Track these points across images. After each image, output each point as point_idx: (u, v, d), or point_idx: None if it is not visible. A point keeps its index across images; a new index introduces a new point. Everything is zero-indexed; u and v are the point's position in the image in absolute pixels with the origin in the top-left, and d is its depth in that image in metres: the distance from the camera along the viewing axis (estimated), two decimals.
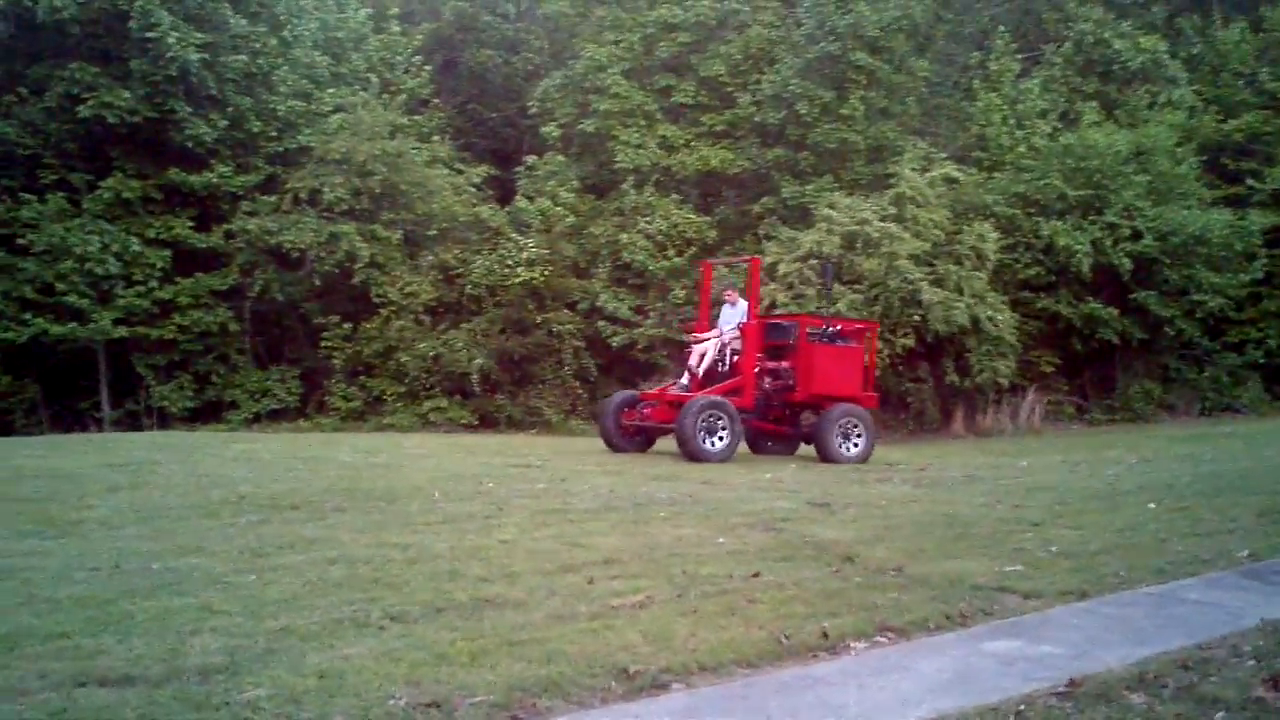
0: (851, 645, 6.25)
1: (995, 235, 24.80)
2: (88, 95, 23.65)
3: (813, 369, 17.01)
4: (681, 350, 19.24)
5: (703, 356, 17.17)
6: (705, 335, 17.49)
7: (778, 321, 18.35)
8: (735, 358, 17.03)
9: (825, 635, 6.29)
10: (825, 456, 16.63)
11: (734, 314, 17.35)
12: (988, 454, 19.49)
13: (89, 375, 25.00)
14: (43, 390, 24.94)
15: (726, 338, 17.14)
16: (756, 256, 19.73)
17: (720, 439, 15.73)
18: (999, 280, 25.37)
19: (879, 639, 6.38)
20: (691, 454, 15.45)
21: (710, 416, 15.71)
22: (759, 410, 17.23)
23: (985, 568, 8.09)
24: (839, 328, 17.77)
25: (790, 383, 17.21)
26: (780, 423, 17.89)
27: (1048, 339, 26.82)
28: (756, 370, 17.02)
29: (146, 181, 24.88)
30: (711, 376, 17.05)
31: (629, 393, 18.46)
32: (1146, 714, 4.89)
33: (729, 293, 17.85)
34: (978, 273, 24.20)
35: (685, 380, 17.29)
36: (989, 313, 23.78)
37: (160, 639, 5.86)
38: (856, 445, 16.91)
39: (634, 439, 17.21)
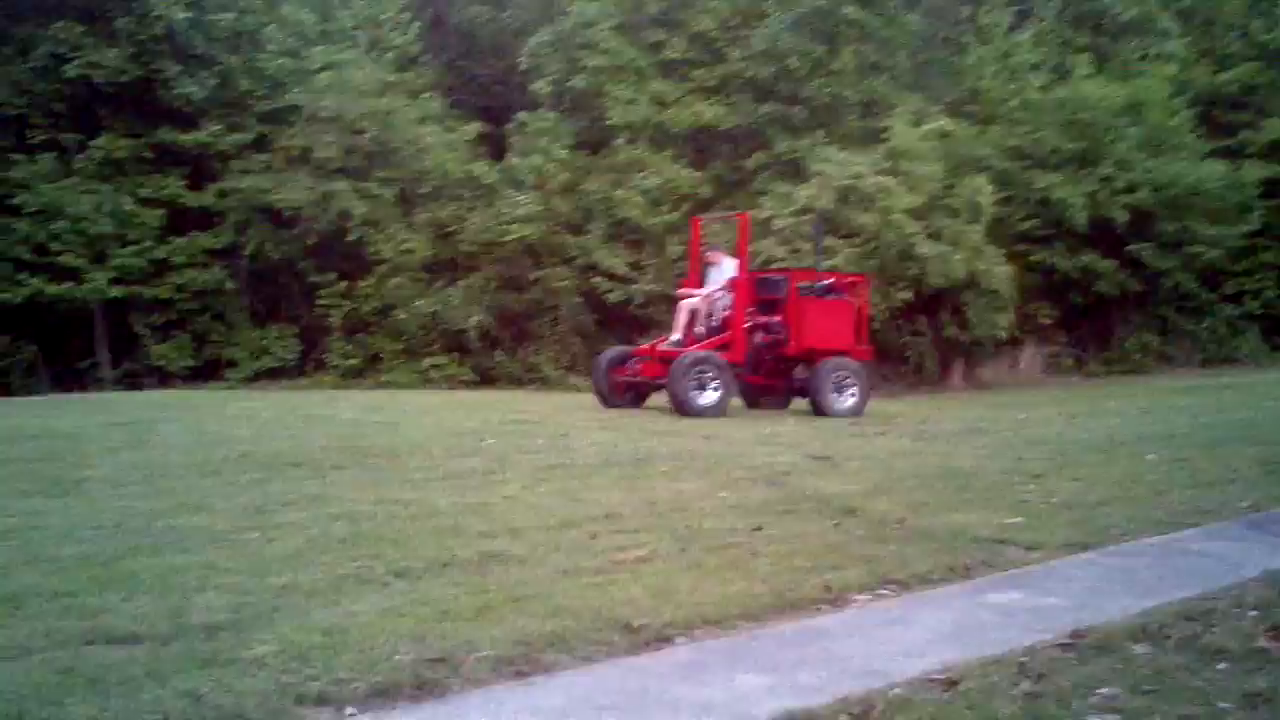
0: (854, 598, 6.25)
1: (990, 189, 24.72)
2: (74, 55, 23.57)
3: (804, 323, 16.92)
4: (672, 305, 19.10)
5: (693, 313, 17.09)
6: (695, 292, 17.44)
7: (768, 276, 18.28)
8: (726, 313, 16.96)
9: (828, 588, 6.30)
10: (819, 410, 16.55)
11: (720, 273, 17.30)
12: (987, 406, 19.52)
13: (87, 335, 25.04)
14: (41, 351, 24.98)
15: (713, 295, 17.10)
16: (745, 213, 19.50)
17: (713, 393, 15.73)
18: (995, 234, 25.30)
19: (881, 591, 6.39)
20: (684, 409, 15.46)
21: (701, 371, 15.71)
22: (751, 365, 17.20)
23: (986, 520, 8.10)
24: (831, 281, 17.67)
25: (782, 337, 17.10)
26: (773, 377, 17.73)
27: (1045, 292, 26.84)
28: (748, 325, 17.00)
29: (137, 141, 24.80)
30: (703, 333, 16.99)
31: (621, 349, 18.43)
32: (1150, 665, 4.89)
33: (711, 253, 17.83)
34: (974, 226, 24.14)
35: (677, 336, 17.08)
36: (986, 266, 23.76)
37: (165, 597, 5.86)
38: (851, 398, 16.84)
39: (626, 395, 17.18)
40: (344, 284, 25.45)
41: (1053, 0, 30.70)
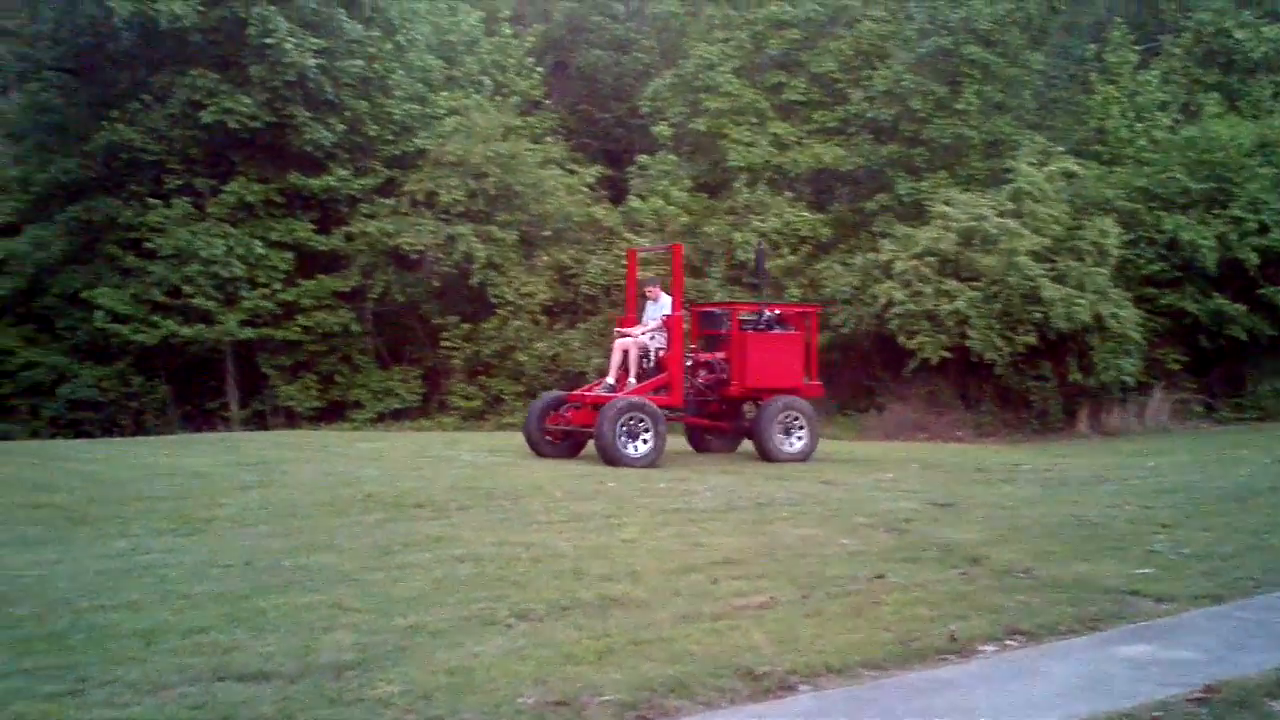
0: (980, 648, 6.19)
1: (1117, 230, 24.28)
2: (209, 101, 24.12)
3: (747, 360, 15.90)
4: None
5: (625, 354, 15.91)
6: (629, 331, 16.30)
7: (709, 310, 17.44)
8: (660, 353, 15.85)
9: (953, 638, 6.24)
10: (764, 454, 15.65)
11: (657, 309, 16.19)
12: (1114, 454, 19.13)
13: (217, 376, 25.59)
14: (173, 390, 25.54)
15: (644, 336, 15.96)
16: (678, 244, 18.23)
17: (644, 443, 14.65)
18: (1122, 276, 24.82)
19: (1008, 642, 6.31)
20: (611, 460, 14.37)
21: (631, 419, 14.63)
22: (693, 407, 16.31)
23: (1115, 570, 7.96)
24: (776, 313, 16.66)
25: (724, 375, 16.14)
26: (719, 418, 16.78)
27: (1173, 336, 26.20)
28: (689, 364, 16.12)
29: (268, 185, 25.35)
30: (640, 374, 15.87)
31: (556, 394, 17.16)
32: None
33: (650, 288, 16.57)
34: (1099, 269, 23.71)
35: (611, 379, 15.98)
36: (1112, 309, 23.30)
37: (293, 635, 5.99)
38: (799, 440, 15.89)
39: (560, 444, 15.89)
40: (466, 326, 25.72)
41: (1181, 38, 30.17)
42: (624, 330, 16.45)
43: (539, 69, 31.02)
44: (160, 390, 25.40)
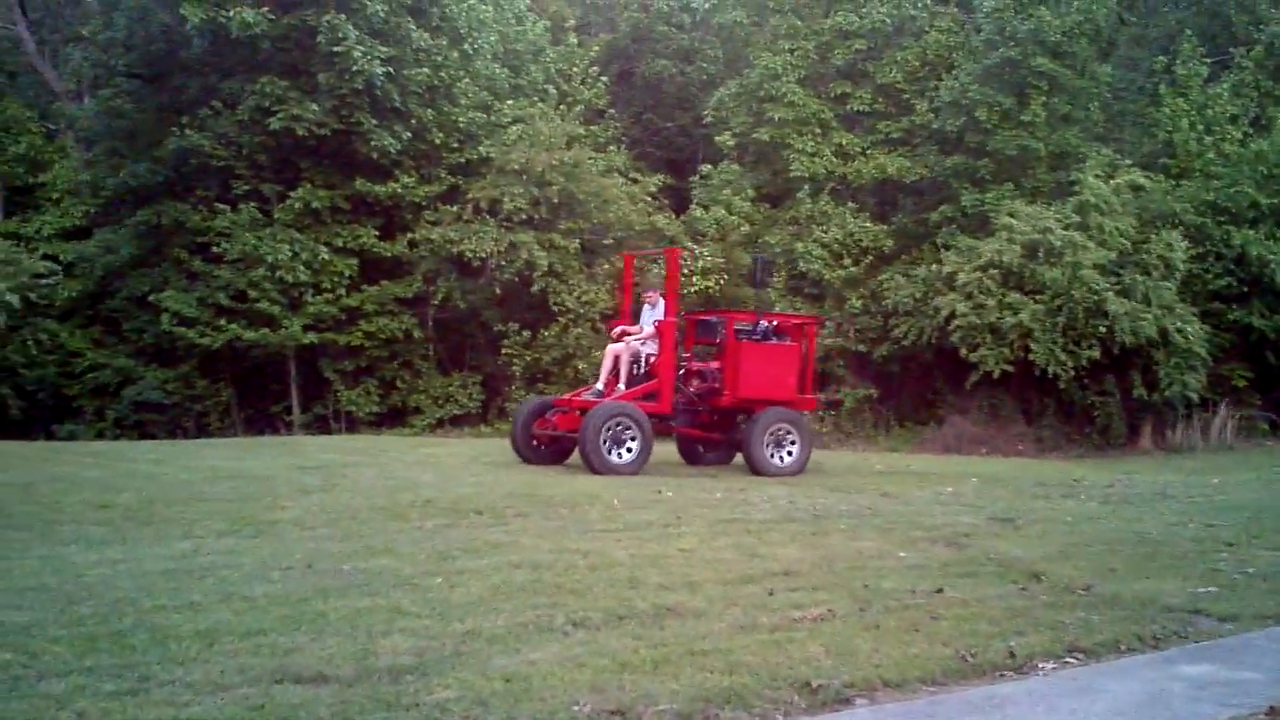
0: (1039, 665, 6.15)
1: (1184, 244, 24.04)
2: (278, 108, 24.36)
3: (740, 370, 15.52)
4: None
5: (616, 359, 15.73)
6: (629, 332, 16.09)
7: (705, 318, 16.98)
8: (651, 359, 15.62)
9: (1012, 654, 6.20)
10: (754, 468, 15.34)
11: (653, 315, 15.92)
12: (1177, 471, 18.93)
13: (280, 380, 25.81)
14: (237, 394, 25.83)
15: (636, 341, 15.76)
16: (675, 249, 17.99)
17: (629, 450, 14.47)
18: (1188, 291, 24.57)
19: (1068, 659, 6.26)
20: (594, 467, 14.15)
21: (617, 425, 14.42)
22: (684, 416, 16.03)
23: (1178, 588, 7.88)
24: (774, 324, 16.27)
25: (716, 385, 15.86)
26: (711, 429, 16.51)
27: (1240, 352, 25.87)
28: (681, 372, 15.86)
29: (334, 191, 25.56)
30: (630, 380, 15.67)
31: (543, 399, 17.23)
32: None
33: (648, 294, 16.37)
34: (1166, 283, 23.48)
35: (600, 384, 15.80)
36: (1178, 324, 23.05)
37: (352, 639, 6.03)
38: (790, 454, 15.60)
39: (547, 450, 15.81)
40: (526, 334, 25.80)
41: (1253, 51, 29.79)
42: (623, 331, 16.16)
43: (603, 78, 31.16)
44: (224, 393, 25.70)
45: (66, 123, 28.80)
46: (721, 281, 25.44)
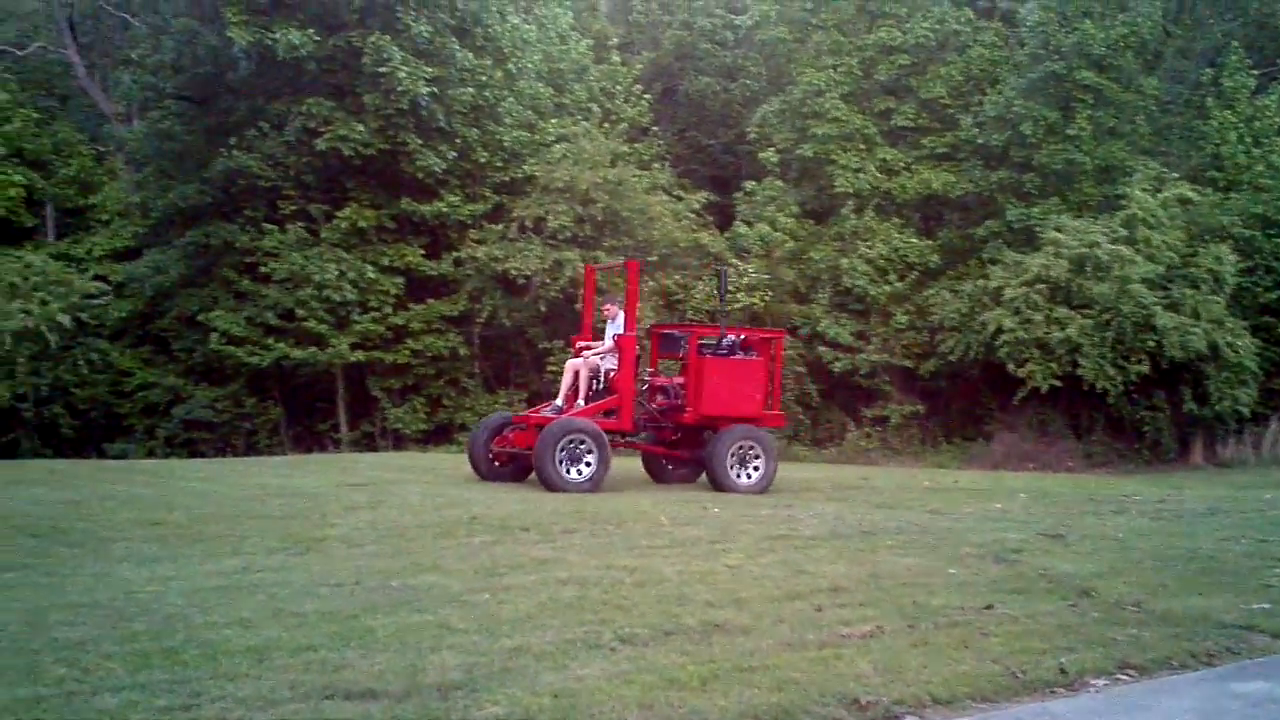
0: (1090, 682, 6.11)
1: (1233, 258, 23.85)
2: (324, 129, 24.56)
3: (703, 386, 14.96)
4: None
5: (575, 374, 15.20)
6: (591, 347, 15.62)
7: (669, 332, 16.63)
8: (612, 374, 15.05)
9: (1063, 671, 6.16)
10: (717, 485, 14.72)
11: (613, 329, 15.37)
12: (1229, 486, 18.73)
13: (327, 397, 25.98)
14: (285, 412, 26.02)
15: (596, 356, 15.25)
16: (635, 260, 17.27)
17: (587, 465, 13.92)
18: (1238, 304, 24.37)
19: (1119, 676, 6.22)
20: (549, 484, 13.69)
21: (572, 442, 13.92)
22: (647, 433, 15.67)
23: (1230, 604, 7.80)
24: (740, 338, 15.62)
25: (679, 401, 15.35)
26: (676, 446, 15.90)
27: None
28: (644, 388, 15.48)
29: (380, 211, 25.73)
30: (590, 396, 15.10)
31: (503, 416, 16.65)
32: None
33: (607, 307, 15.75)
34: (1215, 297, 23.30)
35: (559, 401, 15.35)
36: (1228, 338, 22.86)
37: (401, 655, 6.05)
38: (755, 472, 14.92)
39: (505, 468, 15.16)
40: (571, 351, 25.83)
41: None
42: (584, 346, 15.69)
43: (647, 96, 31.27)
44: (272, 411, 25.90)
45: (116, 145, 29.14)
46: (766, 297, 25.42)
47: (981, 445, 24.62)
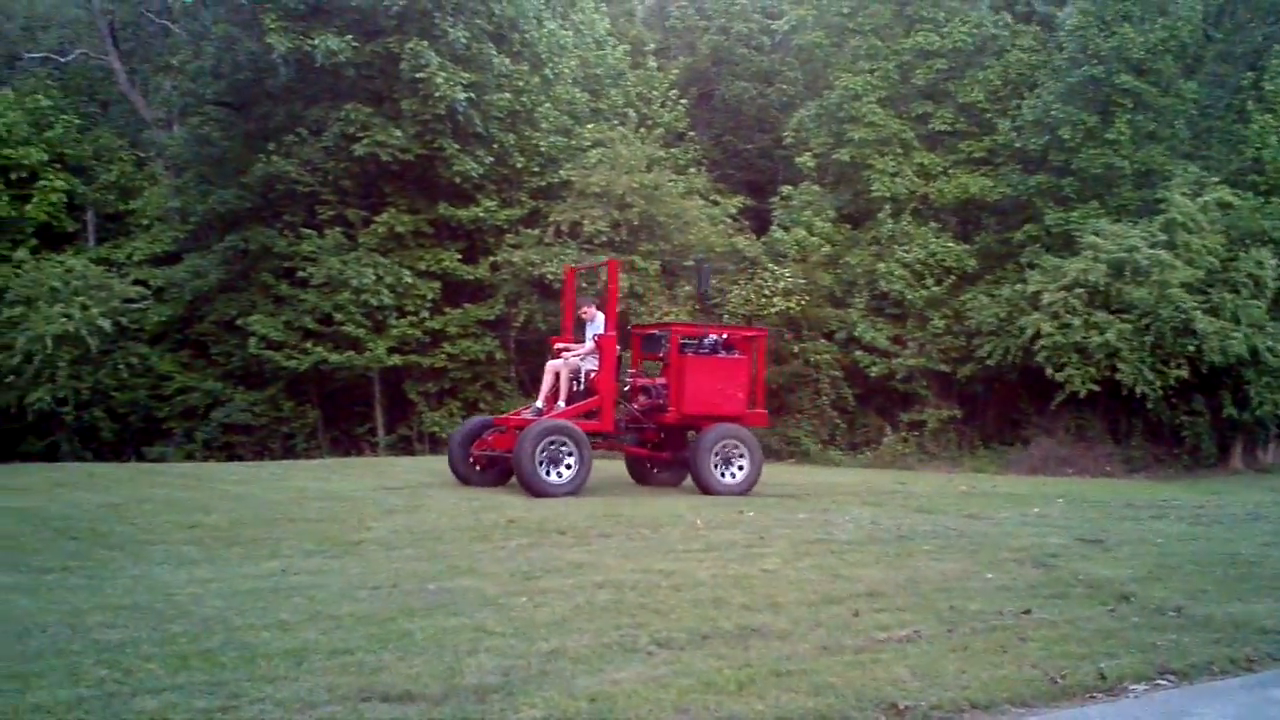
0: (1130, 688, 6.07)
1: (1274, 262, 23.65)
2: (362, 134, 24.67)
3: (685, 385, 14.78)
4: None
5: (556, 376, 15.05)
6: (573, 348, 15.34)
7: (650, 331, 16.45)
8: (592, 375, 14.86)
9: (1102, 676, 6.12)
10: (701, 486, 14.58)
11: (592, 330, 15.13)
12: (1269, 490, 18.58)
13: (365, 401, 26.07)
14: (322, 415, 26.14)
15: (576, 357, 15.04)
16: (614, 260, 17.17)
17: (567, 468, 13.72)
18: (1278, 309, 24.15)
19: (1159, 682, 6.18)
20: (530, 487, 13.47)
21: (553, 444, 13.71)
22: (630, 434, 15.52)
23: (1272, 610, 7.73)
24: (722, 337, 15.44)
25: (661, 401, 15.15)
26: (659, 447, 15.77)
27: None
28: (626, 388, 15.31)
29: (417, 216, 25.85)
30: (570, 398, 14.93)
31: (482, 419, 16.54)
32: None
33: (585, 309, 15.45)
34: (1256, 301, 23.12)
35: (539, 403, 15.16)
36: (1269, 343, 22.68)
37: (438, 657, 6.07)
38: (740, 472, 14.78)
39: (485, 471, 14.98)
40: None
41: None
42: (564, 347, 15.45)
43: (683, 101, 31.29)
44: (310, 415, 26.00)
45: (156, 150, 29.35)
46: (803, 302, 25.38)
47: (1019, 450, 24.51)
